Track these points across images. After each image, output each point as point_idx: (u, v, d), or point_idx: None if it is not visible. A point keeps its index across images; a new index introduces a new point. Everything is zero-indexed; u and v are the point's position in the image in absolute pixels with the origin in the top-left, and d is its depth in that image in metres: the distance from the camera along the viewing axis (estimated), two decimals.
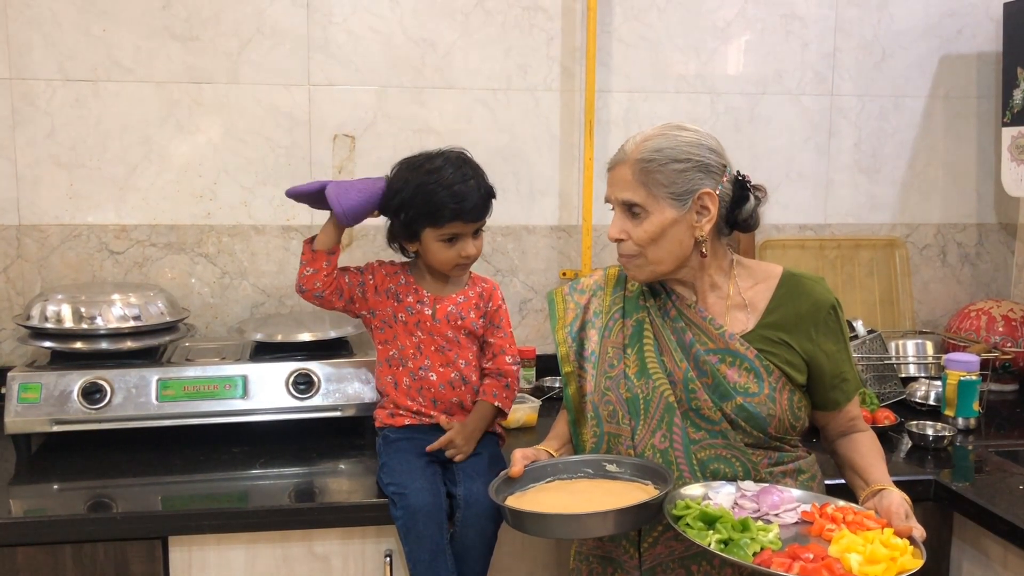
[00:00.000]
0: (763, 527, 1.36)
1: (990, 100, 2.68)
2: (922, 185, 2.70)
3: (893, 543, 1.31)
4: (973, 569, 1.81)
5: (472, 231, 1.79)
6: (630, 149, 1.51)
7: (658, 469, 1.49)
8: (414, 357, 1.82)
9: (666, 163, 1.48)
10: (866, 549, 1.28)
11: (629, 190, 1.50)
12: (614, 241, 1.55)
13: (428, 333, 1.82)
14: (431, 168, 1.77)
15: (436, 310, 1.82)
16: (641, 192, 1.49)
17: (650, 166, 1.48)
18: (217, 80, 2.34)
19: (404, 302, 1.83)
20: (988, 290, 2.76)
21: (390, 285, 1.85)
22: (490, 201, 1.81)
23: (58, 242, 2.33)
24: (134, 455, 1.93)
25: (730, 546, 1.30)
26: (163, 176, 2.35)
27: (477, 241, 1.81)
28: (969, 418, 2.15)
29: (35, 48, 2.26)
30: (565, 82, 2.49)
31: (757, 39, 2.56)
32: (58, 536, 1.64)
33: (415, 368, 1.82)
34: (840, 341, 1.56)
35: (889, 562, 1.26)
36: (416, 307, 1.82)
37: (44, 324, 1.98)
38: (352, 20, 2.38)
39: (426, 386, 1.81)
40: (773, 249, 2.61)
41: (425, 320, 1.82)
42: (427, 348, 1.82)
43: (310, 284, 1.82)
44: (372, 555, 1.76)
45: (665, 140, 1.50)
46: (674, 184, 1.48)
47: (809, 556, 1.27)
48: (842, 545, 1.31)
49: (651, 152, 1.49)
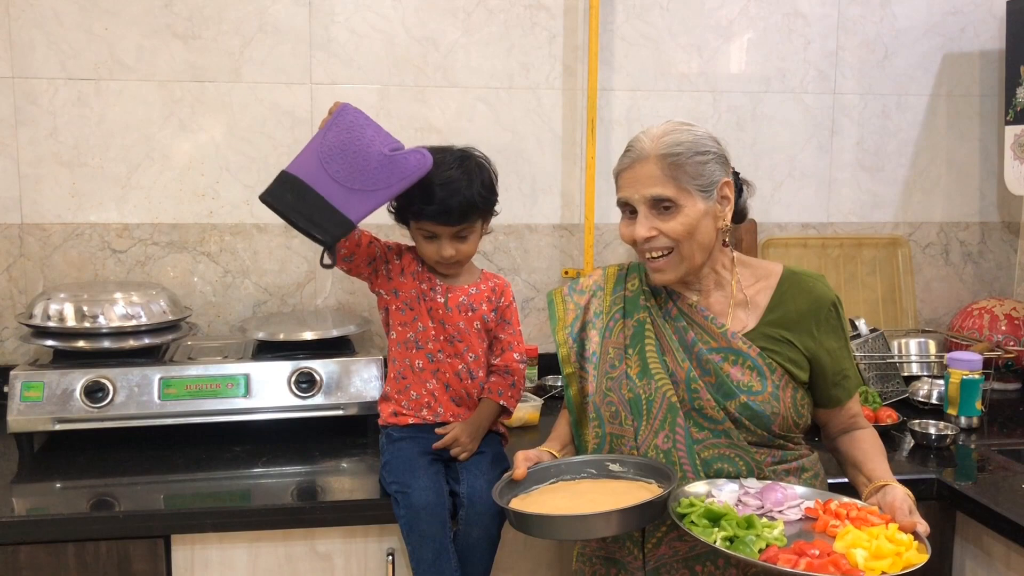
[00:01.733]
0: (768, 524, 1.36)
1: (993, 98, 2.68)
2: (925, 183, 2.70)
3: (898, 538, 1.31)
4: (976, 568, 1.81)
5: (450, 233, 1.75)
6: (649, 146, 1.49)
7: (661, 468, 1.49)
8: (434, 339, 1.79)
9: (691, 156, 1.48)
10: (871, 545, 1.29)
11: (659, 185, 1.48)
12: (643, 240, 1.50)
13: (439, 322, 1.80)
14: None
15: (448, 298, 1.81)
16: (671, 186, 1.48)
17: (678, 159, 1.47)
18: (219, 79, 2.34)
19: (420, 289, 1.81)
20: (991, 289, 2.76)
21: (416, 268, 1.83)
22: (477, 208, 1.74)
23: (60, 241, 2.33)
24: (136, 454, 1.93)
25: (736, 543, 1.30)
26: (165, 175, 2.35)
27: (462, 244, 1.77)
28: (972, 417, 2.15)
29: (37, 47, 2.26)
30: (567, 80, 2.48)
31: (759, 37, 2.56)
32: (60, 535, 1.64)
33: (434, 351, 1.79)
34: (841, 338, 1.57)
35: (895, 557, 1.26)
36: (430, 294, 1.81)
37: (47, 323, 1.98)
38: (354, 18, 2.37)
39: (442, 370, 1.80)
40: (776, 248, 2.61)
41: (438, 308, 1.80)
42: (437, 336, 1.80)
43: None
44: (374, 554, 1.77)
45: (683, 135, 1.50)
46: (700, 176, 1.49)
47: (815, 552, 1.27)
48: (847, 541, 1.31)
49: (675, 146, 1.48)
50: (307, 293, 2.45)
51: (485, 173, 1.77)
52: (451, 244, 1.76)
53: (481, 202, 1.75)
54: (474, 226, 1.77)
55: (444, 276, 1.83)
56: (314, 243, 1.68)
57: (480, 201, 1.74)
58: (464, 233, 1.76)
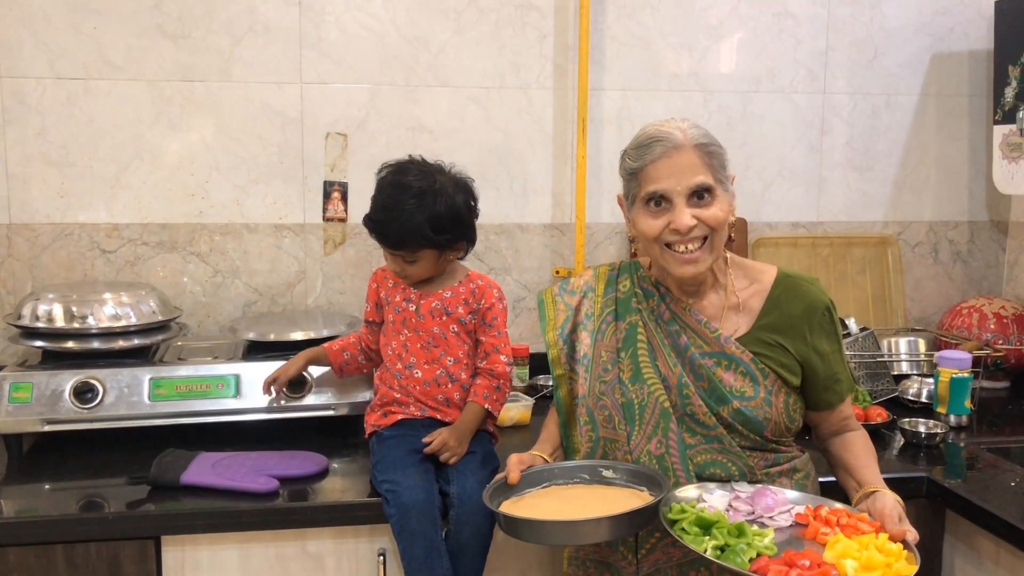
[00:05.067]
0: (759, 532, 1.35)
1: (982, 98, 2.69)
2: (914, 183, 2.71)
3: (888, 548, 1.31)
4: (965, 565, 1.82)
5: (399, 255, 1.76)
6: (681, 136, 1.47)
7: (653, 475, 1.48)
8: (401, 356, 1.81)
9: (717, 147, 1.50)
10: (861, 555, 1.28)
11: (702, 173, 1.47)
12: (687, 230, 1.46)
13: (414, 330, 1.81)
14: (382, 184, 1.77)
15: (420, 305, 1.81)
16: (710, 175, 1.48)
17: (710, 148, 1.48)
18: (209, 78, 2.33)
19: (393, 303, 1.84)
20: (980, 287, 2.77)
21: (382, 294, 1.87)
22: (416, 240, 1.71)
23: (49, 241, 2.32)
24: (126, 455, 1.92)
25: (727, 553, 1.29)
26: (155, 175, 2.34)
27: (410, 267, 1.77)
28: (961, 415, 2.16)
29: (25, 46, 2.25)
30: (558, 80, 2.48)
31: (750, 37, 2.56)
32: (50, 536, 1.64)
33: (403, 368, 1.81)
34: (834, 342, 1.56)
35: (884, 568, 1.26)
36: (403, 305, 1.82)
37: (35, 323, 1.97)
38: (345, 18, 2.37)
39: (411, 384, 1.80)
40: (766, 247, 2.61)
41: (410, 317, 1.81)
42: (413, 346, 1.81)
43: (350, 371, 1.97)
44: (366, 554, 1.76)
45: (701, 128, 1.51)
46: (724, 168, 1.51)
47: (805, 563, 1.26)
48: (837, 550, 1.30)
49: (704, 136, 1.49)
50: (297, 293, 2.44)
51: (446, 203, 1.73)
52: (398, 263, 1.78)
53: (425, 235, 1.72)
54: (418, 254, 1.76)
55: (429, 280, 1.84)
56: (305, 243, 1.69)
57: (424, 234, 1.71)
58: (409, 259, 1.76)
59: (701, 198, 1.48)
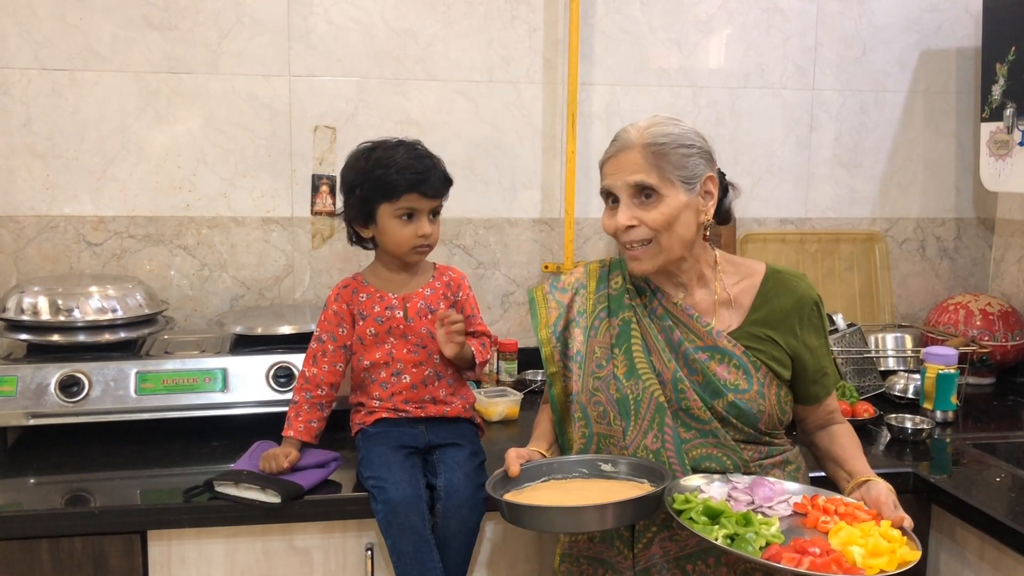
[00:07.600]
0: (765, 521, 1.36)
1: (969, 95, 2.70)
2: (902, 179, 2.72)
3: (889, 534, 1.33)
4: (950, 560, 1.83)
5: (429, 209, 1.76)
6: (634, 136, 1.50)
7: (654, 467, 1.49)
8: (387, 364, 1.80)
9: (675, 147, 1.49)
10: (867, 542, 1.30)
11: (642, 172, 1.48)
12: (624, 230, 1.50)
13: (401, 336, 1.79)
14: (388, 146, 1.78)
15: (407, 309, 1.80)
16: (654, 175, 1.48)
17: (662, 149, 1.48)
18: (196, 70, 2.32)
19: (372, 315, 1.80)
20: (966, 284, 2.79)
21: (355, 311, 1.81)
22: (448, 184, 1.80)
23: (34, 233, 2.30)
24: (112, 449, 1.91)
25: (737, 541, 1.30)
26: (141, 167, 2.33)
27: (435, 224, 1.79)
28: (947, 411, 2.17)
29: (9, 36, 2.23)
30: (547, 74, 2.48)
31: (739, 33, 2.57)
32: (35, 530, 1.63)
33: (388, 376, 1.80)
34: (822, 336, 1.58)
35: (890, 555, 1.28)
36: (386, 315, 1.79)
37: (20, 316, 1.95)
38: (333, 10, 2.36)
39: (399, 389, 1.80)
40: (754, 243, 2.62)
41: (398, 324, 1.79)
42: (399, 352, 1.79)
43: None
44: (353, 549, 1.76)
45: (669, 127, 1.50)
46: (684, 168, 1.49)
47: (816, 551, 1.27)
48: (841, 538, 1.32)
49: (660, 136, 1.49)
50: (285, 287, 2.43)
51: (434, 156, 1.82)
52: (428, 222, 1.77)
53: (449, 179, 1.81)
54: (442, 202, 1.81)
55: (405, 280, 1.82)
56: (293, 236, 1.68)
57: (449, 178, 1.80)
58: (438, 209, 1.80)
59: (648, 197, 1.49)
